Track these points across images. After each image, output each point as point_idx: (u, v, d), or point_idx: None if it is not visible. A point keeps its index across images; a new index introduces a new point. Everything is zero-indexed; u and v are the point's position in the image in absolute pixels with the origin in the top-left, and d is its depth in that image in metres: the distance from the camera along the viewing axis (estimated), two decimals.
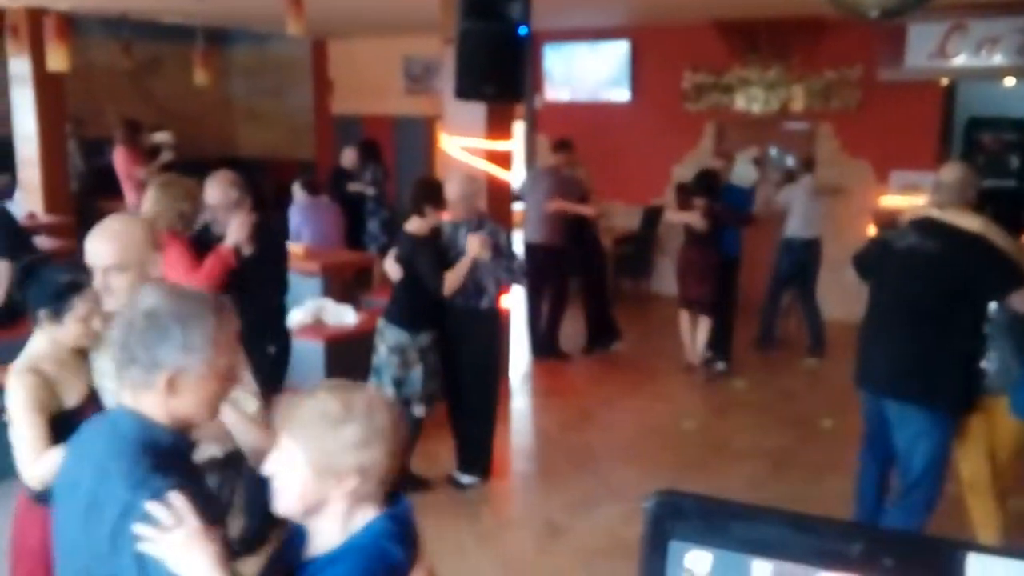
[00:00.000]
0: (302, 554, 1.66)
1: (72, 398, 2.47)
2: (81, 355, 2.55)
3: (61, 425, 2.34)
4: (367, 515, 1.62)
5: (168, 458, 1.62)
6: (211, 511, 1.58)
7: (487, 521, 4.73)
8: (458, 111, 6.16)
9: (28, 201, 8.65)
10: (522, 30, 5.86)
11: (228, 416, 2.06)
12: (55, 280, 2.53)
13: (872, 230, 8.35)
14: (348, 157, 8.83)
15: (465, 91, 5.78)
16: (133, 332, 1.63)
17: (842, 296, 8.28)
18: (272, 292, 4.25)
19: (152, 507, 1.50)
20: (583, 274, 7.52)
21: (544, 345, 7.33)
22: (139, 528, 1.50)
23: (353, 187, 8.61)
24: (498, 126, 6.34)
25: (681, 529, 0.74)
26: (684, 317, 7.03)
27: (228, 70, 11.51)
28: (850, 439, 5.75)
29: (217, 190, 3.99)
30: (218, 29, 10.73)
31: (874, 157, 8.47)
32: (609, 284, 8.24)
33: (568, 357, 7.41)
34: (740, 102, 9.06)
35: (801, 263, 7.51)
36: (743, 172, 8.63)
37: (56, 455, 2.07)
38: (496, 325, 5.02)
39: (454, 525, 4.56)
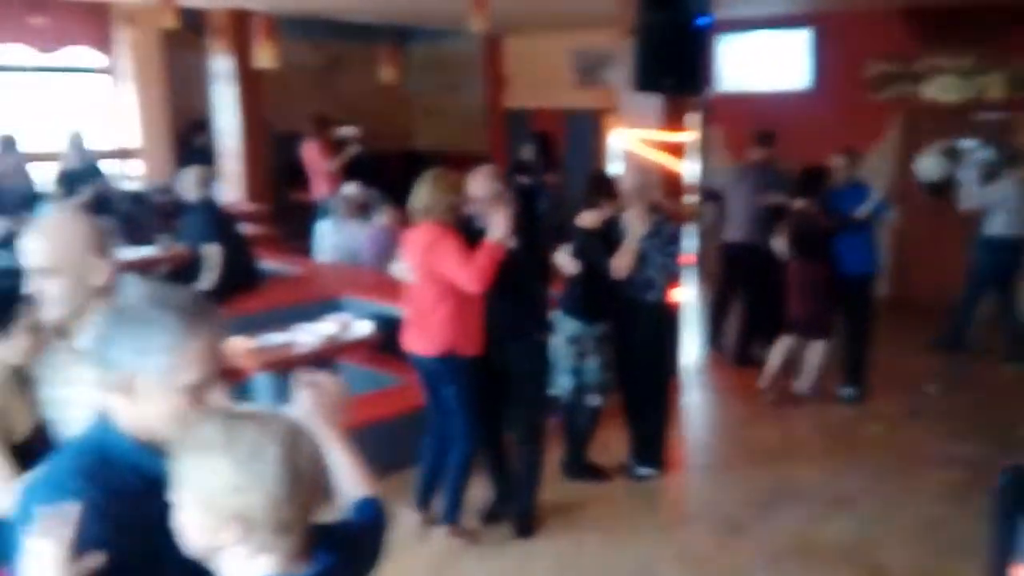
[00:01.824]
0: None
1: (21, 430, 2.11)
2: (22, 380, 2.14)
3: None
4: (258, 572, 1.37)
5: (109, 467, 1.45)
6: (100, 541, 1.34)
7: (664, 513, 4.74)
8: (634, 103, 6.16)
9: (227, 191, 9.30)
10: (702, 21, 5.80)
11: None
12: None
13: None
14: (527, 150, 8.97)
15: (644, 84, 5.78)
16: (101, 326, 1.50)
17: None
18: (537, 282, 4.30)
19: (40, 508, 1.34)
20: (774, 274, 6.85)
21: (739, 354, 6.97)
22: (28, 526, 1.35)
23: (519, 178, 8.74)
24: (674, 118, 6.31)
25: None
26: (782, 339, 6.19)
27: (407, 67, 11.93)
28: None
29: (481, 183, 4.03)
30: (399, 27, 11.15)
31: None
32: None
33: (762, 365, 6.94)
34: (929, 91, 8.57)
35: (1004, 264, 6.98)
36: (931, 166, 8.15)
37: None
38: (662, 318, 5.00)
39: (630, 516, 4.60)
